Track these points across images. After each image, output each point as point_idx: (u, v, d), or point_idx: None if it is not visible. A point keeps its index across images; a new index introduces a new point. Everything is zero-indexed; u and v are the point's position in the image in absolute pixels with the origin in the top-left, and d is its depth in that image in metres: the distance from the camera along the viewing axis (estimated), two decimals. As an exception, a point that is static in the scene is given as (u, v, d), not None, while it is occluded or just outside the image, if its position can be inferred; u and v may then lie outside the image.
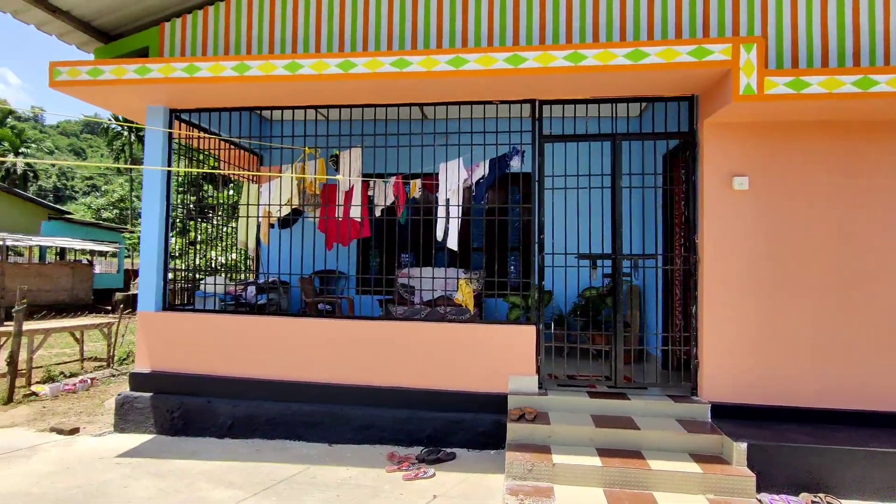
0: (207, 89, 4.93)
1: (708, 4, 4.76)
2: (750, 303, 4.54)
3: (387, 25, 5.18)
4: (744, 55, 4.09)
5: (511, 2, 5.00)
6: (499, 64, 4.37)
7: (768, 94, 4.06)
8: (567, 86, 4.62)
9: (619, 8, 4.86)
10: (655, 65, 4.20)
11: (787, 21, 4.65)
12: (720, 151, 4.62)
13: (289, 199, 5.52)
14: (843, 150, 4.49)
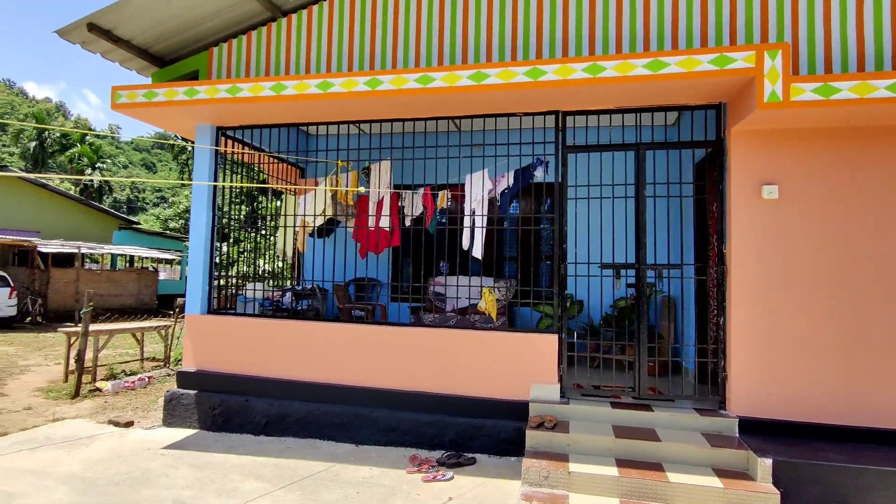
0: (249, 108, 5.29)
1: (735, 10, 4.69)
2: (779, 315, 4.40)
3: (414, 43, 5.39)
4: (768, 62, 4.02)
5: (534, 16, 5.10)
6: (519, 77, 4.48)
7: (794, 101, 3.96)
8: (589, 97, 4.66)
9: (643, 18, 4.86)
10: (676, 74, 4.18)
11: (820, 25, 4.51)
12: (748, 159, 4.52)
13: (323, 209, 5.81)
14: (877, 156, 4.30)
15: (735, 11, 4.69)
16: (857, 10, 4.46)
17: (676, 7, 4.80)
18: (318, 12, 5.71)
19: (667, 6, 4.82)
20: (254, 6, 5.57)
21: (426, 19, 5.39)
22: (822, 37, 4.51)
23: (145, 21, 5.52)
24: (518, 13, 5.15)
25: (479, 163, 5.48)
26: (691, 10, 4.77)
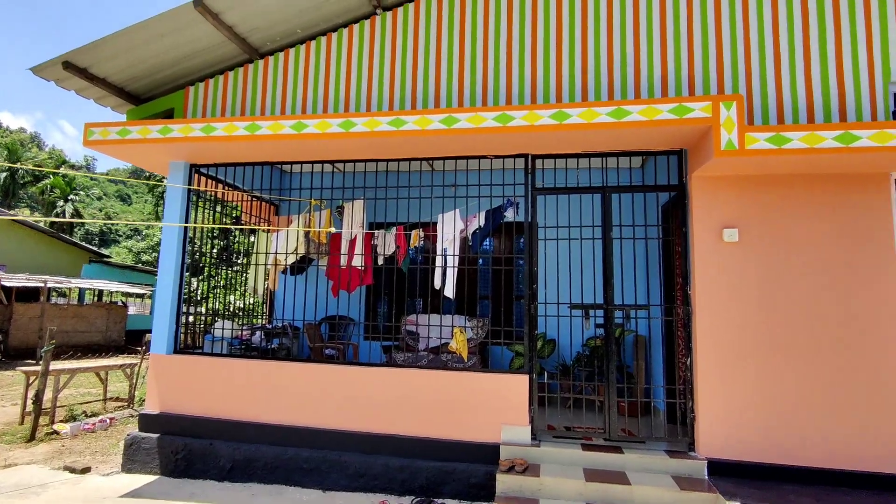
0: (223, 146, 5.32)
1: (693, 62, 4.94)
2: (744, 356, 4.49)
3: (388, 87, 5.53)
4: (724, 112, 4.22)
5: (504, 64, 5.30)
6: (489, 122, 4.61)
7: (749, 150, 4.15)
8: (556, 141, 4.82)
9: (607, 67, 5.09)
10: (638, 122, 4.36)
11: (772, 78, 4.78)
12: (709, 204, 4.68)
13: (295, 247, 5.79)
14: (827, 201, 4.51)
15: (693, 64, 4.94)
16: (805, 64, 4.75)
17: (638, 58, 5.04)
18: (295, 55, 5.84)
19: (629, 57, 5.06)
20: (231, 48, 5.68)
21: (400, 64, 5.55)
22: (774, 89, 4.77)
23: (122, 61, 5.57)
24: (488, 61, 5.34)
25: (452, 203, 5.57)
26: (652, 61, 5.01)
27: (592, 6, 5.19)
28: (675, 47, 4.99)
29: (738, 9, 4.94)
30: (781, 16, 4.87)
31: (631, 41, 5.07)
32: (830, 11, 4.79)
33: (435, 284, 5.46)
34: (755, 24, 4.89)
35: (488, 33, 5.39)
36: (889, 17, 4.71)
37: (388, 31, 5.64)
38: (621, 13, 5.13)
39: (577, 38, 5.19)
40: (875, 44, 4.69)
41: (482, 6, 5.44)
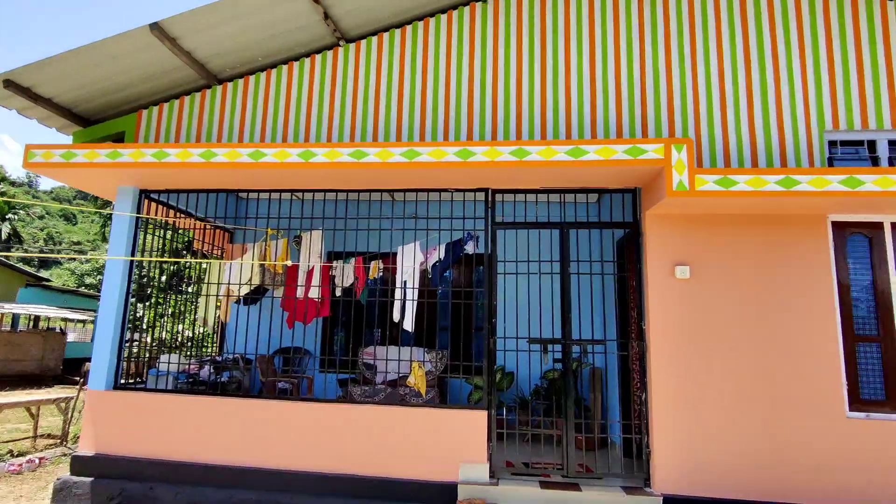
0: (176, 173, 5.14)
1: (646, 107, 5.15)
2: (698, 391, 4.58)
3: (350, 118, 5.52)
4: (675, 154, 4.39)
5: (465, 100, 5.38)
6: (450, 157, 4.64)
7: (699, 191, 4.32)
8: (516, 177, 4.89)
9: (565, 108, 5.24)
10: (595, 161, 4.48)
11: (719, 123, 5.03)
12: (662, 241, 4.83)
13: (249, 278, 5.61)
14: (771, 240, 4.72)
15: (646, 107, 5.15)
16: (749, 112, 5.02)
17: (595, 100, 5.21)
18: (255, 82, 5.76)
19: (586, 99, 5.22)
20: (189, 73, 5.55)
21: (362, 96, 5.55)
22: (721, 134, 5.01)
23: (71, 81, 5.35)
24: (450, 96, 5.41)
25: (412, 235, 5.54)
26: (608, 103, 5.20)
27: (551, 49, 5.37)
28: (629, 91, 5.19)
29: (688, 58, 5.20)
30: (727, 66, 5.15)
31: (588, 84, 5.25)
32: (770, 64, 5.11)
33: (393, 318, 5.37)
34: (703, 72, 5.16)
35: (450, 70, 5.48)
36: (822, 73, 5.06)
37: (351, 63, 5.65)
38: (578, 57, 5.31)
39: (536, 78, 5.33)
40: (811, 96, 5.02)
41: (445, 42, 5.54)
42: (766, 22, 5.21)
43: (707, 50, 5.20)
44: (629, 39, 5.30)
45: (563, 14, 5.43)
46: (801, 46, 5.12)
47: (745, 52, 5.16)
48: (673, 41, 5.25)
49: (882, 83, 4.99)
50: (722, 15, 5.25)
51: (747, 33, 5.20)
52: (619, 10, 5.37)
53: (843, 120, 4.95)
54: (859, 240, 4.76)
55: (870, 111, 4.95)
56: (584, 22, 5.38)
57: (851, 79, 5.02)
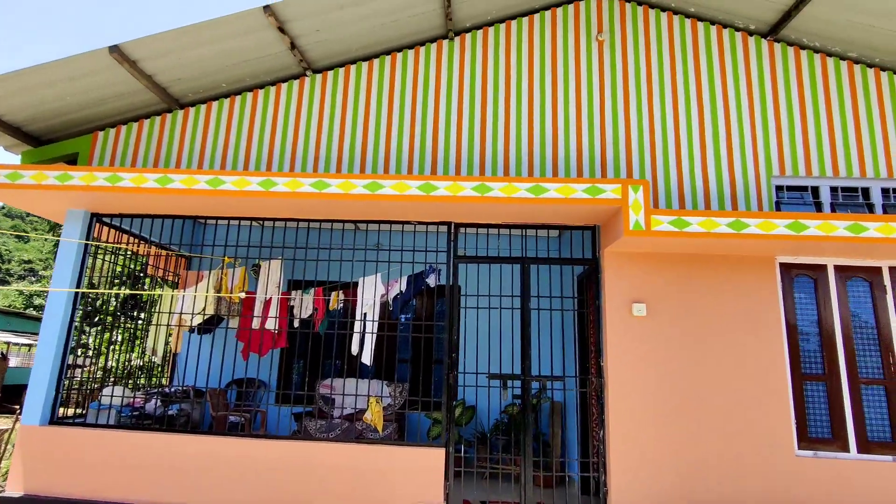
0: (130, 198, 4.98)
1: (605, 148, 5.30)
2: (655, 428, 4.61)
3: (314, 148, 5.49)
4: (632, 195, 4.51)
5: (430, 135, 5.43)
6: (413, 191, 4.65)
7: (655, 231, 4.43)
8: (478, 212, 4.92)
9: (528, 146, 5.35)
10: (555, 199, 4.56)
11: (674, 166, 5.21)
12: (620, 278, 4.91)
13: (203, 308, 5.43)
14: (723, 280, 4.87)
15: (605, 148, 5.31)
16: (702, 156, 5.23)
17: (556, 139, 5.34)
18: (218, 108, 5.70)
19: (548, 138, 5.35)
20: (149, 97, 5.45)
21: (327, 126, 5.55)
22: (676, 176, 5.20)
23: (22, 100, 5.17)
24: (415, 130, 5.47)
25: (373, 266, 5.49)
26: (569, 143, 5.33)
27: (515, 88, 5.50)
28: (589, 132, 5.35)
29: (645, 103, 5.41)
30: (681, 112, 5.38)
31: (550, 123, 5.38)
32: (722, 111, 5.36)
33: (352, 351, 5.26)
34: (659, 116, 5.37)
35: (416, 104, 5.54)
36: (770, 122, 5.33)
37: (318, 94, 5.66)
38: (541, 97, 5.46)
39: (500, 115, 5.45)
40: (759, 143, 5.27)
41: (411, 77, 5.62)
42: (718, 72, 5.48)
43: (663, 96, 5.43)
44: (590, 82, 5.49)
45: (527, 54, 5.60)
46: (750, 96, 5.40)
47: (699, 99, 5.40)
48: (631, 85, 5.46)
49: (823, 133, 5.28)
50: (677, 64, 5.51)
51: (700, 82, 5.46)
52: (581, 52, 5.57)
53: (789, 166, 5.20)
54: (805, 281, 4.96)
55: (813, 159, 5.23)
56: (548, 63, 5.56)
57: (796, 128, 5.30)
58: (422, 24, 5.47)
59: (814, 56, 5.53)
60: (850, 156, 5.25)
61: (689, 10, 5.60)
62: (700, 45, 5.56)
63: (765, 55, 5.52)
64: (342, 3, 4.87)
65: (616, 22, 5.64)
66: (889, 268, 4.91)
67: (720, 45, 5.56)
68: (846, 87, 5.43)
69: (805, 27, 5.31)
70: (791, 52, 5.55)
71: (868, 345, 4.84)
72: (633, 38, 5.60)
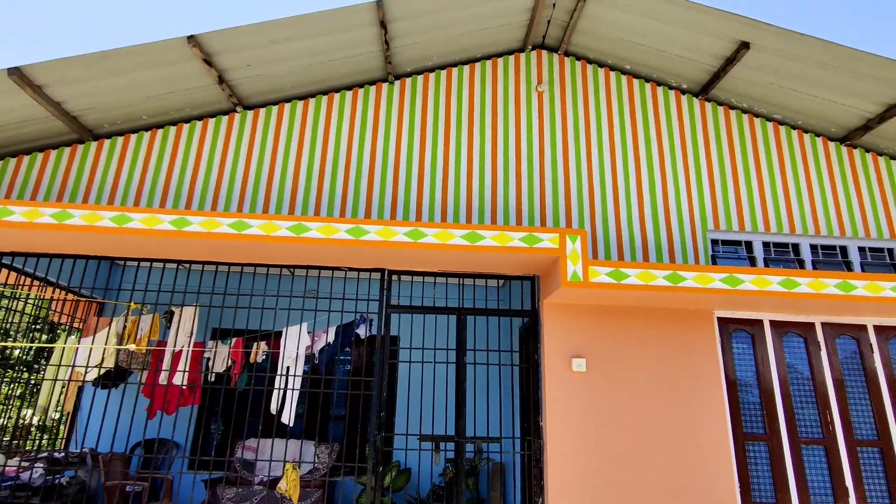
0: (23, 234, 4.44)
1: (544, 196, 5.21)
2: (595, 490, 4.29)
3: (239, 189, 5.15)
4: (570, 245, 4.37)
5: (365, 178, 5.20)
6: (341, 234, 4.35)
7: (593, 283, 4.28)
8: (412, 259, 4.65)
9: (466, 193, 5.20)
10: (491, 247, 4.36)
11: (612, 217, 5.16)
12: (559, 331, 4.70)
13: (100, 360, 4.82)
14: (663, 333, 4.74)
15: (544, 197, 5.21)
16: (639, 208, 5.21)
17: (495, 186, 5.22)
18: (137, 141, 5.29)
19: (487, 184, 5.22)
20: (57, 125, 5.00)
21: (255, 165, 5.23)
22: (615, 227, 5.13)
23: None
24: (350, 171, 5.23)
25: (299, 315, 5.07)
26: (507, 191, 5.21)
27: (455, 134, 5.40)
28: (528, 181, 5.26)
29: (584, 154, 5.40)
30: (619, 165, 5.40)
31: (489, 170, 5.27)
32: (658, 165, 5.41)
33: (272, 409, 4.75)
34: (597, 168, 5.36)
35: (352, 144, 5.33)
36: (703, 177, 5.41)
37: (248, 130, 5.37)
38: (480, 143, 5.37)
39: (438, 161, 5.30)
40: (694, 197, 5.32)
41: (348, 117, 5.43)
42: (654, 128, 5.57)
43: (601, 148, 5.44)
44: (529, 131, 5.45)
45: (467, 100, 5.54)
46: (685, 152, 5.48)
47: (636, 153, 5.44)
48: (570, 137, 5.46)
49: (755, 190, 5.40)
50: (614, 118, 5.57)
51: (637, 136, 5.52)
52: (521, 102, 5.56)
53: (724, 221, 5.24)
54: (743, 336, 4.89)
55: (745, 215, 5.30)
56: (488, 111, 5.51)
57: (729, 185, 5.40)
58: (360, 66, 5.34)
59: (742, 116, 5.73)
60: (779, 212, 5.36)
61: (624, 66, 5.73)
62: (636, 100, 5.67)
63: (697, 113, 5.68)
64: (273, 39, 4.68)
65: (556, 74, 5.70)
66: (821, 323, 4.92)
67: (654, 102, 5.69)
68: (773, 146, 5.62)
69: (734, 88, 5.51)
70: (721, 111, 5.74)
71: (806, 402, 4.77)
72: (571, 90, 5.66)
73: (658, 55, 5.40)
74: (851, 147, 5.70)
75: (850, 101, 5.13)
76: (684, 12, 4.80)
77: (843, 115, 5.36)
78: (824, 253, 5.28)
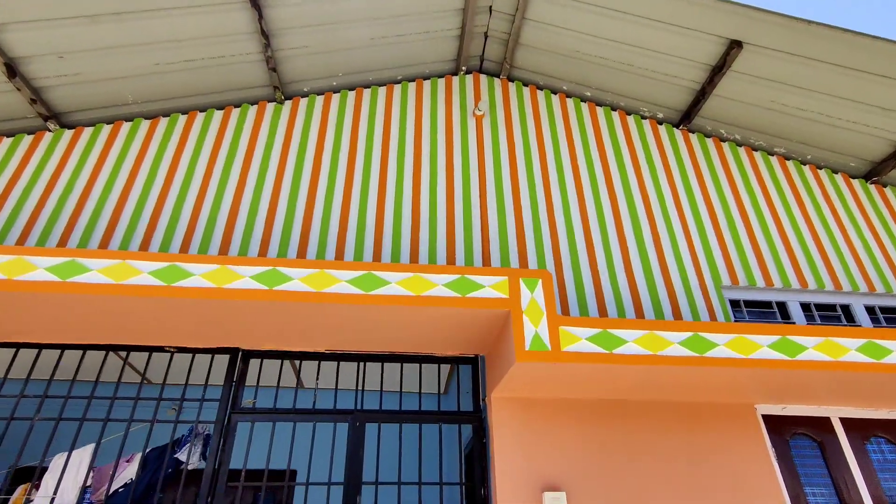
0: None
1: (486, 237, 3.61)
2: None
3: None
4: (526, 293, 2.70)
5: (192, 205, 3.55)
6: (142, 279, 2.57)
7: (566, 353, 2.54)
8: (274, 327, 2.84)
9: (374, 231, 3.57)
10: (396, 298, 2.63)
11: (585, 263, 3.56)
12: (519, 445, 2.82)
13: None
14: (683, 442, 2.92)
15: (487, 237, 3.61)
16: (623, 257, 3.65)
17: (417, 223, 3.62)
18: None
19: (405, 222, 3.62)
20: None
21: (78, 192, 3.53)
22: (590, 276, 3.50)
23: None
24: (203, 205, 3.57)
25: (72, 433, 3.04)
26: (435, 228, 3.61)
27: (362, 160, 3.91)
28: (465, 217, 3.69)
29: (539, 185, 3.95)
30: (588, 202, 3.95)
31: (409, 204, 3.71)
32: (642, 205, 3.99)
33: None
34: (559, 203, 3.88)
35: (213, 169, 3.74)
36: (704, 220, 3.99)
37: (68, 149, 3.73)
38: (398, 174, 3.87)
39: (337, 189, 3.73)
40: (696, 243, 3.84)
41: (214, 137, 3.90)
42: (629, 161, 4.24)
43: (562, 180, 4.02)
44: (465, 158, 4.02)
45: (381, 124, 4.14)
46: (674, 191, 4.11)
47: (609, 189, 4.03)
48: (521, 166, 4.04)
49: (774, 237, 3.97)
50: (576, 149, 4.24)
51: (608, 169, 4.15)
52: (454, 126, 4.21)
53: (742, 275, 3.70)
54: (806, 445, 3.11)
55: (770, 267, 3.80)
56: (409, 136, 4.09)
57: (739, 229, 3.97)
58: (236, 76, 3.96)
59: (738, 148, 4.50)
60: (814, 264, 3.88)
61: (584, 94, 4.54)
62: (602, 130, 4.41)
63: (681, 145, 4.42)
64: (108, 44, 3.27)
65: (498, 99, 4.44)
66: (915, 420, 3.22)
67: (627, 133, 4.42)
68: (784, 185, 4.32)
69: (723, 113, 4.33)
70: (711, 143, 4.50)
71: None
72: (519, 115, 4.37)
73: (625, 76, 4.24)
74: (880, 185, 4.45)
75: (877, 119, 3.96)
76: (656, 2, 3.70)
77: (868, 143, 4.17)
78: (887, 317, 3.72)
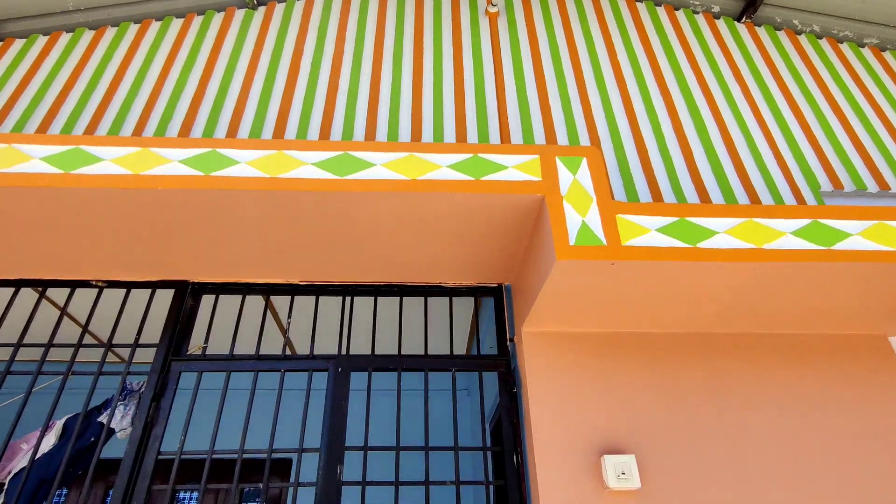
0: None
1: (504, 115, 2.81)
2: None
3: None
4: (565, 174, 1.90)
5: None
6: (32, 165, 1.86)
7: (629, 247, 1.74)
8: (225, 243, 2.10)
9: (366, 110, 2.80)
10: (385, 183, 1.86)
11: (629, 140, 2.71)
12: (565, 395, 2.01)
13: None
14: (790, 389, 2.07)
15: (505, 115, 2.80)
16: (679, 143, 2.79)
17: (419, 95, 2.85)
18: None
19: (404, 96, 2.85)
20: None
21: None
22: (635, 155, 2.66)
23: None
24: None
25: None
26: (441, 103, 2.83)
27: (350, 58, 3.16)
28: (476, 96, 2.89)
29: (570, 73, 3.13)
30: (632, 89, 3.12)
31: (408, 80, 2.93)
32: (703, 99, 3.14)
33: None
34: (593, 82, 3.06)
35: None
36: (785, 114, 3.14)
37: None
38: (394, 70, 3.10)
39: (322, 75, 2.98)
40: (778, 140, 2.98)
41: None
42: (684, 57, 3.40)
43: (598, 71, 3.20)
44: (478, 60, 3.23)
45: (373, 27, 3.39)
46: (743, 87, 3.24)
47: (660, 84, 3.18)
48: (547, 64, 3.24)
49: (882, 134, 3.08)
50: (616, 47, 3.41)
51: (657, 66, 3.32)
52: (462, 29, 3.43)
53: (845, 178, 2.83)
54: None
55: (882, 169, 2.91)
56: (407, 40, 3.34)
57: (834, 125, 3.09)
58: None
59: (818, 41, 3.62)
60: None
61: (621, -9, 3.72)
62: (647, 26, 3.57)
63: (748, 42, 3.55)
64: None
65: (516, -2, 3.66)
66: None
67: (678, 31, 3.58)
68: (881, 74, 3.43)
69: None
70: (784, 37, 3.64)
71: None
72: (542, 15, 3.57)
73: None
74: None
75: None
76: None
77: None
78: None
